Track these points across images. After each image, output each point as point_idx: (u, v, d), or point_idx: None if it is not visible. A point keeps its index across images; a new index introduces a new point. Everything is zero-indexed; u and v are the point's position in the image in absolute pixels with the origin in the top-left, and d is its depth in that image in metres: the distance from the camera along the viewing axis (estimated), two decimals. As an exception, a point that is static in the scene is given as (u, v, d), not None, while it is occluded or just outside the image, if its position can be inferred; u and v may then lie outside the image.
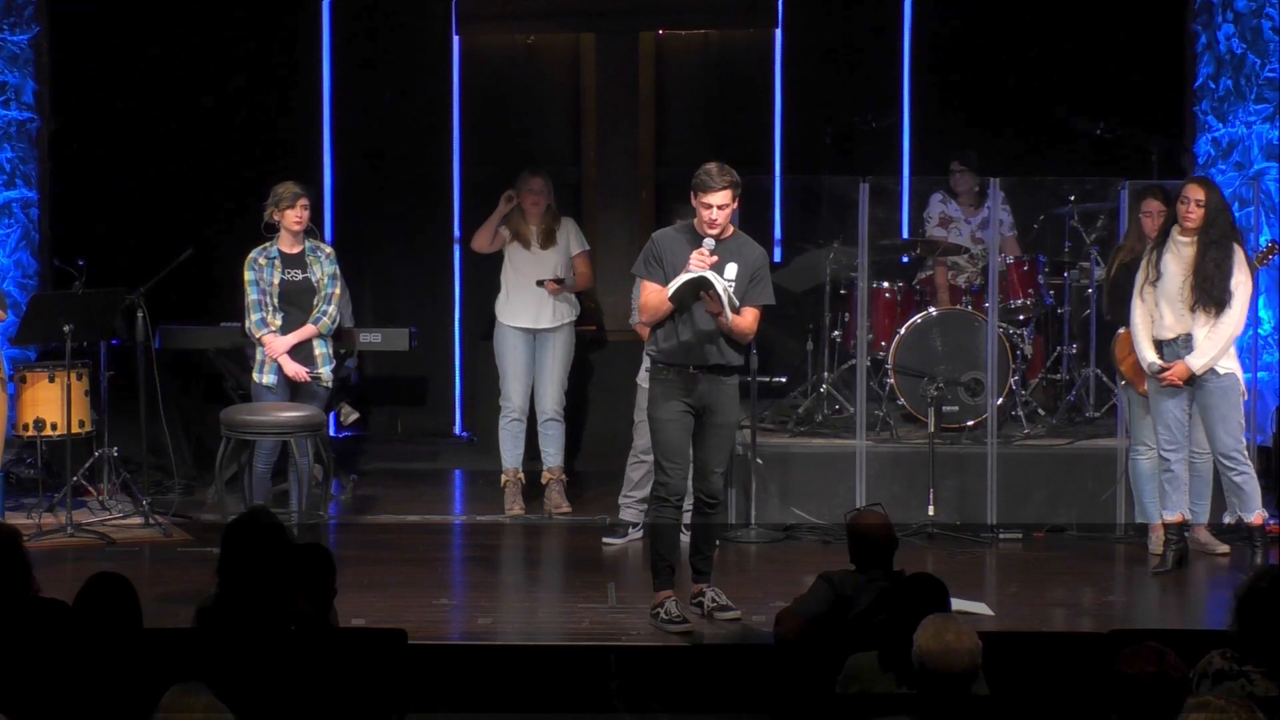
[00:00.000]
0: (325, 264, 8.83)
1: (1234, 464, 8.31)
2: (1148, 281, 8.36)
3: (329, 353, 8.87)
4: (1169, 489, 8.41)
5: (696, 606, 7.48)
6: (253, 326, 8.75)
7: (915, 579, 5.73)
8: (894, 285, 10.07)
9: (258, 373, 8.77)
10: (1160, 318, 8.34)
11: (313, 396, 8.78)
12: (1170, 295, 8.29)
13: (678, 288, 7.20)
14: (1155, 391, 8.40)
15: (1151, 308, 8.36)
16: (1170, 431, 8.37)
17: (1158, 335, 8.36)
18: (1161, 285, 8.31)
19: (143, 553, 8.81)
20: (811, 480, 9.38)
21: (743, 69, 11.77)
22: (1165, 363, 8.30)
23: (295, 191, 8.72)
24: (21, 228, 10.29)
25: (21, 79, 10.33)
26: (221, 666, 5.14)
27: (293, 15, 11.57)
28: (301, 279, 8.77)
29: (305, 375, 8.69)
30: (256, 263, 8.75)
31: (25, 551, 5.81)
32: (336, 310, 8.85)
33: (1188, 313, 8.25)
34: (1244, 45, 10.08)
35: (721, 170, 7.26)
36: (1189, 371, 8.23)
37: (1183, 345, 8.27)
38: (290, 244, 8.78)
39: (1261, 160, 10.09)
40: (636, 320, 9.19)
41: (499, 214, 9.83)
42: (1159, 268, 8.32)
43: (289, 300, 8.76)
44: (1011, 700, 5.34)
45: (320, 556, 5.69)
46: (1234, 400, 8.31)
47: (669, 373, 7.36)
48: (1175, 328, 8.29)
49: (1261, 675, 4.93)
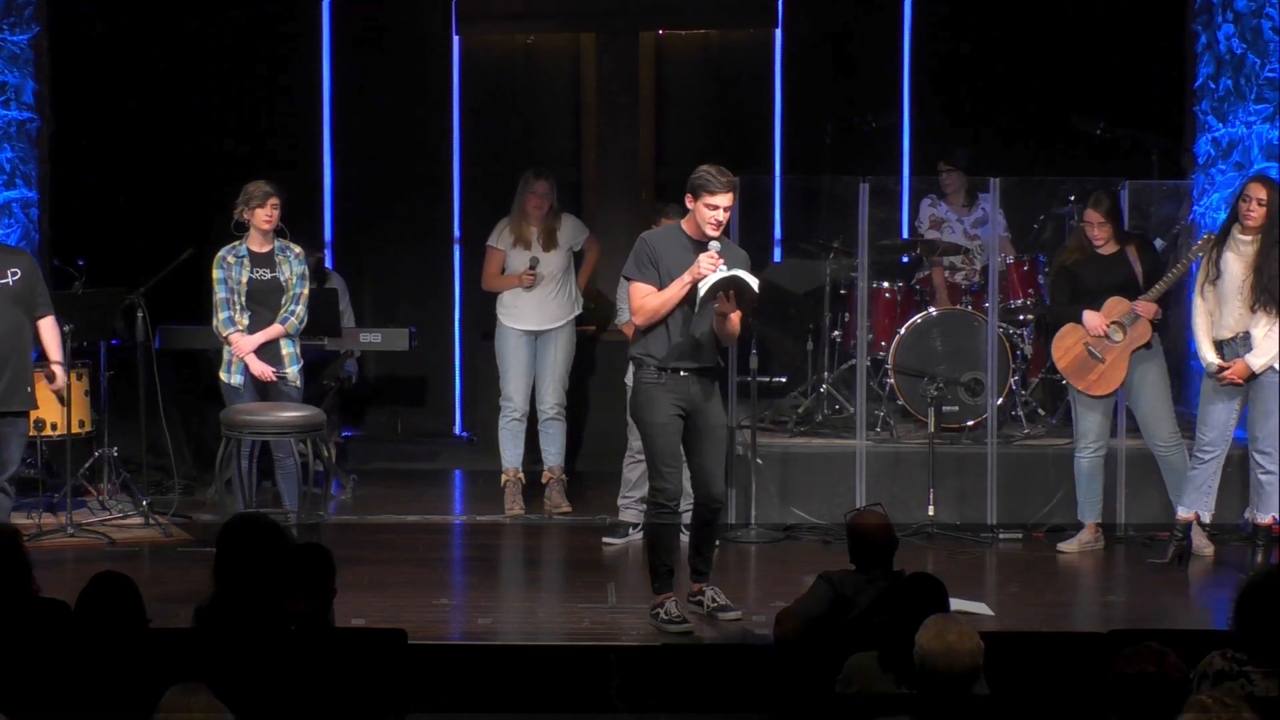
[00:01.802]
0: (294, 264, 8.70)
1: (1266, 461, 8.31)
2: (1208, 280, 8.33)
3: (296, 352, 8.71)
4: (1189, 486, 8.43)
5: (696, 605, 7.48)
6: (220, 325, 8.59)
7: (915, 579, 5.73)
8: (894, 285, 10.07)
9: (225, 372, 8.61)
10: (1220, 316, 8.30)
11: (282, 397, 8.66)
12: (1230, 294, 8.26)
13: (711, 286, 7.18)
14: (1211, 391, 8.36)
15: (1212, 306, 8.34)
16: (1213, 433, 8.35)
17: (1216, 335, 8.33)
18: (1221, 284, 8.28)
19: (143, 553, 8.82)
20: (811, 480, 9.38)
21: (743, 69, 11.77)
22: (1225, 361, 8.28)
23: (266, 190, 8.59)
24: (21, 228, 10.29)
25: (21, 79, 10.33)
26: (221, 666, 5.14)
27: (293, 15, 11.57)
28: (270, 278, 8.64)
29: (271, 375, 8.58)
30: (225, 261, 8.62)
31: (25, 551, 5.82)
32: (305, 310, 8.72)
33: (1247, 312, 8.23)
34: (1244, 45, 10.07)
35: (721, 171, 7.26)
36: (1249, 370, 8.21)
37: (1241, 344, 8.25)
38: (259, 243, 8.64)
39: (1261, 160, 10.08)
40: (624, 320, 9.20)
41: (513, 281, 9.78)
42: (1219, 266, 8.28)
43: (257, 299, 8.61)
44: (1011, 700, 5.34)
45: (319, 556, 5.68)
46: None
47: (661, 376, 7.34)
48: (1235, 327, 8.27)
49: (1262, 675, 4.93)
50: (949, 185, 10.39)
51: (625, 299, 9.18)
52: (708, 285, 7.18)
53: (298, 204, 10.89)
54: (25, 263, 8.36)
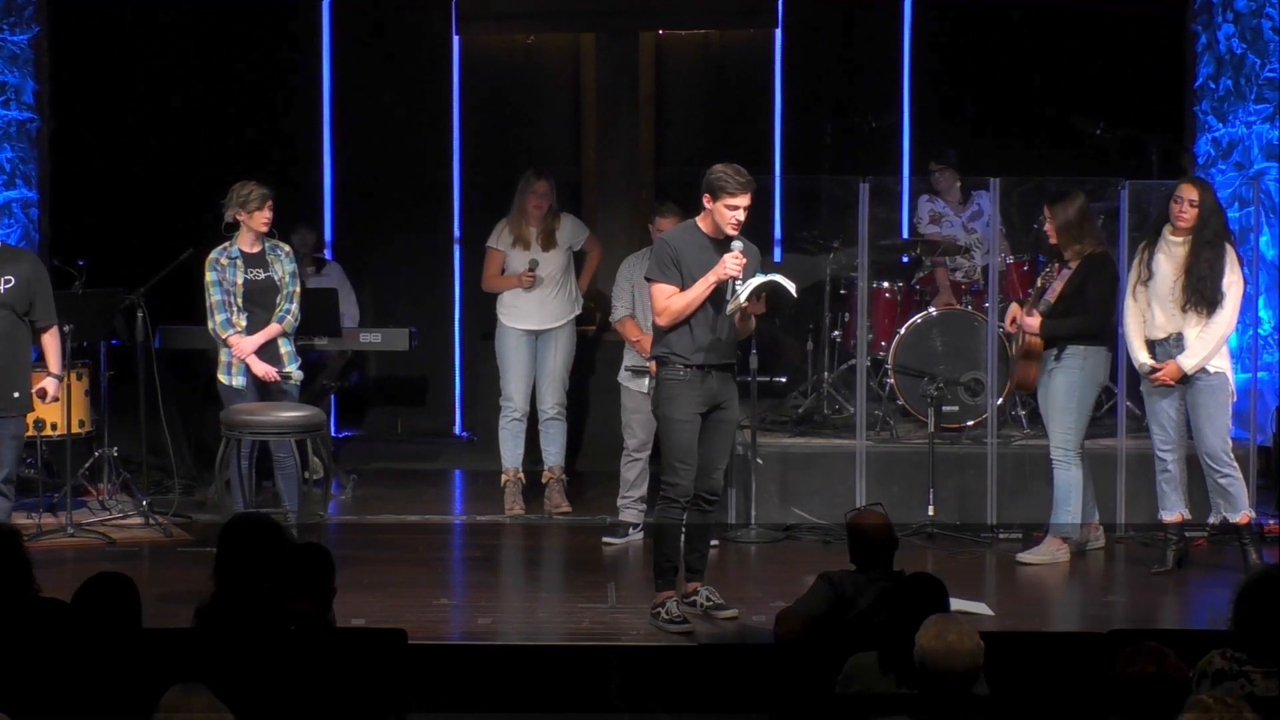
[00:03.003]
0: (285, 262, 8.67)
1: (1219, 465, 8.31)
2: (1139, 281, 8.38)
3: (294, 351, 8.73)
4: (1166, 489, 8.42)
5: (690, 605, 7.48)
6: (218, 328, 8.56)
7: (915, 579, 5.74)
8: (894, 285, 10.08)
9: (225, 375, 8.58)
10: (1151, 317, 8.35)
11: (283, 396, 8.66)
12: (1162, 295, 8.30)
13: (752, 290, 7.25)
14: (1148, 392, 8.42)
15: (1143, 307, 8.38)
16: (1165, 431, 8.38)
17: (1149, 335, 8.37)
18: (1153, 285, 8.33)
19: (143, 553, 8.82)
20: (811, 480, 9.38)
21: (743, 69, 11.78)
22: (1157, 363, 8.31)
23: (263, 193, 8.55)
24: (21, 228, 10.29)
25: (21, 79, 10.33)
26: (221, 666, 5.14)
27: (293, 15, 11.58)
28: (264, 278, 8.62)
29: (275, 375, 8.57)
30: (218, 263, 8.58)
31: (25, 551, 5.82)
32: (299, 309, 8.72)
33: (1179, 312, 8.27)
34: (1244, 45, 10.08)
35: (739, 171, 7.29)
36: (1180, 371, 8.25)
37: (1174, 345, 8.29)
38: (251, 243, 8.61)
39: (1261, 160, 10.09)
40: (617, 318, 9.21)
41: (512, 282, 9.78)
42: (1150, 267, 8.34)
43: (253, 300, 8.58)
44: (1011, 700, 5.34)
45: (319, 556, 5.68)
46: (1222, 400, 8.32)
47: (686, 373, 7.36)
48: (1167, 327, 8.31)
49: (1262, 675, 4.93)
50: (941, 183, 10.42)
51: (620, 296, 9.21)
52: (748, 290, 7.23)
53: (298, 204, 10.93)
54: (27, 269, 8.23)
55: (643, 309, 9.07)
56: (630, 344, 9.16)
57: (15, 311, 8.19)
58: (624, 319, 9.17)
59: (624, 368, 9.19)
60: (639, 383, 9.06)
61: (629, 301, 9.16)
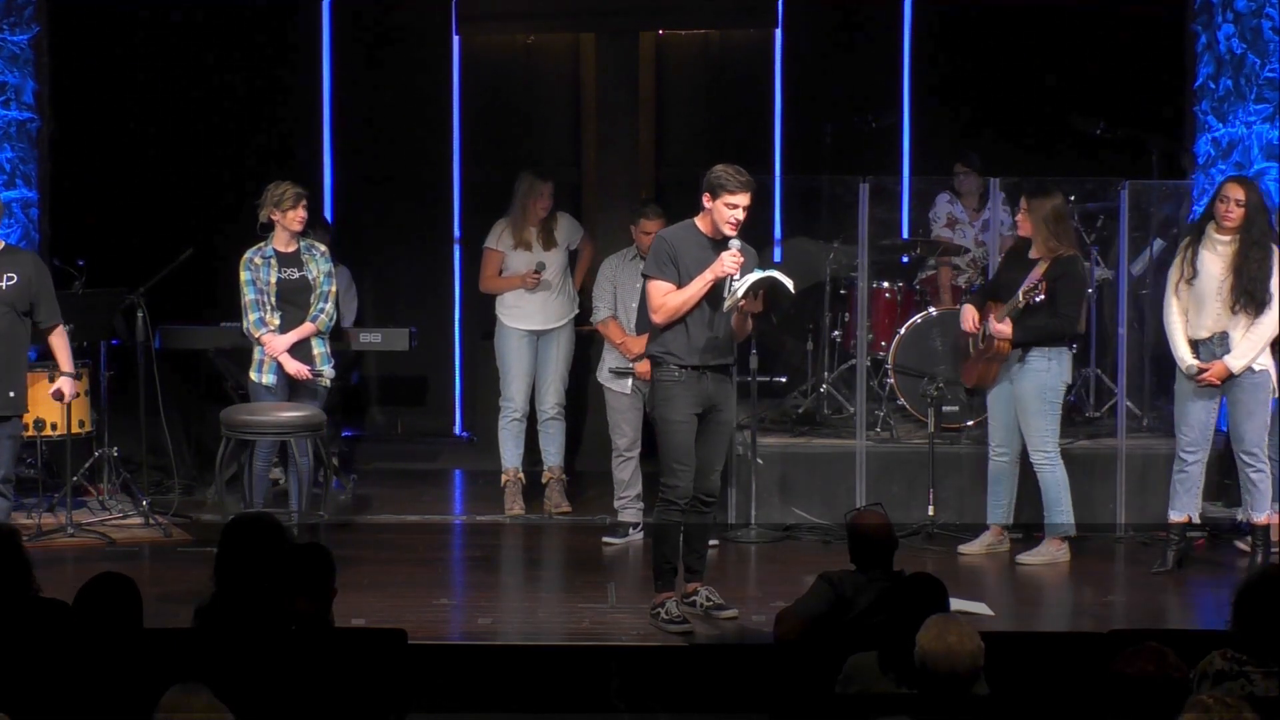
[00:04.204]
0: (321, 262, 8.82)
1: (1254, 461, 8.28)
2: (1183, 279, 8.30)
3: (328, 351, 8.86)
4: (1180, 490, 8.39)
5: (690, 606, 7.48)
6: (251, 326, 8.73)
7: (915, 579, 5.74)
8: (894, 285, 10.08)
9: (256, 372, 8.74)
10: (1196, 316, 8.28)
11: (312, 395, 8.77)
12: (1208, 294, 8.22)
13: (750, 286, 7.23)
14: (1184, 392, 8.34)
15: (1186, 305, 8.31)
16: (1193, 432, 8.32)
17: (1192, 335, 8.28)
18: (1197, 284, 8.25)
19: (143, 553, 8.82)
20: (811, 480, 9.38)
21: (743, 69, 11.77)
22: (1202, 363, 8.27)
23: (297, 191, 8.72)
24: (21, 228, 10.28)
25: (21, 79, 10.33)
26: (221, 666, 5.14)
27: (293, 16, 11.57)
28: (298, 277, 8.76)
29: (307, 373, 8.70)
30: (252, 263, 8.74)
31: (25, 551, 5.82)
32: (334, 308, 8.85)
33: (1226, 312, 8.19)
34: (1244, 45, 10.07)
35: (739, 171, 7.30)
36: (1228, 371, 8.18)
37: (1218, 344, 8.22)
38: (286, 243, 8.76)
39: (1261, 160, 10.07)
40: (600, 318, 9.19)
41: (515, 282, 9.77)
42: (1195, 265, 8.26)
43: (286, 299, 8.75)
44: (1011, 700, 5.34)
45: (320, 556, 5.69)
46: (1263, 398, 8.27)
47: (682, 374, 7.36)
48: (1212, 327, 8.23)
49: (1262, 675, 4.93)
50: (965, 186, 10.42)
51: (603, 296, 9.21)
52: (746, 285, 7.22)
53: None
54: (28, 269, 8.21)
55: (624, 309, 9.09)
56: (613, 345, 9.16)
57: (15, 310, 8.19)
58: (607, 319, 9.17)
59: (606, 369, 9.19)
60: (622, 383, 9.08)
61: (611, 302, 9.16)
